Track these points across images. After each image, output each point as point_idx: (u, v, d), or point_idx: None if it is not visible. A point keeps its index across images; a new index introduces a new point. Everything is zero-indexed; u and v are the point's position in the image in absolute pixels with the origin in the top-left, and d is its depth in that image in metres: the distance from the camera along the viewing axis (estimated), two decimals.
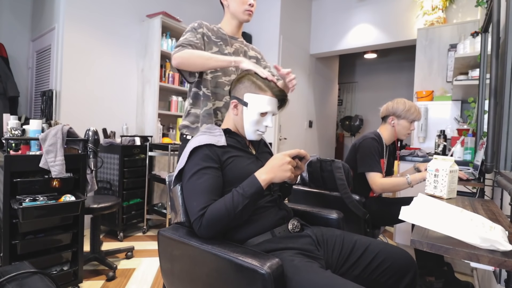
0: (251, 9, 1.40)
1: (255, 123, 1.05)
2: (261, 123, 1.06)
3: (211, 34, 1.38)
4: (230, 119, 1.12)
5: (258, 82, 1.06)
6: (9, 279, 0.92)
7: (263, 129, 1.07)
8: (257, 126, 1.06)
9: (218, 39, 1.40)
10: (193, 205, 0.91)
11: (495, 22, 1.25)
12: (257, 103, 1.04)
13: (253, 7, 1.41)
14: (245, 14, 1.40)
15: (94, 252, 2.00)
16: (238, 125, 1.09)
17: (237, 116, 1.09)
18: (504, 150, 1.07)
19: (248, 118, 1.05)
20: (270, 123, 1.07)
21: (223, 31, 1.44)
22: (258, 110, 1.04)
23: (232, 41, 1.44)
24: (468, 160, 1.99)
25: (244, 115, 1.06)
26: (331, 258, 0.99)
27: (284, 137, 3.96)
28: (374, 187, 1.63)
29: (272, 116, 1.08)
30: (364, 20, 3.96)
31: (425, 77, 3.06)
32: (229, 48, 1.42)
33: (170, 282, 1.03)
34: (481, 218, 0.74)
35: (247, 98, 1.05)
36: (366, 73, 6.48)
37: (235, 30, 1.46)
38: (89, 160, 1.83)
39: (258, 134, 1.08)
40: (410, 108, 1.68)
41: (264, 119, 1.06)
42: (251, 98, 1.05)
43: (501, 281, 1.05)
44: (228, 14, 1.44)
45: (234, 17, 1.42)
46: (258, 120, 1.05)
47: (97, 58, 2.80)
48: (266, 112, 1.05)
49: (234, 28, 1.45)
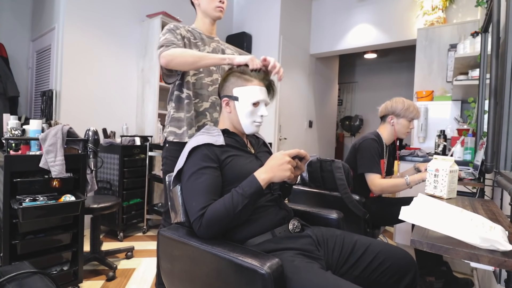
0: (222, 5, 1.40)
1: (250, 114, 1.06)
2: (255, 113, 1.07)
3: (189, 35, 1.38)
4: (225, 119, 1.12)
5: (243, 75, 1.08)
6: (9, 279, 0.92)
7: (259, 119, 1.08)
8: (252, 117, 1.07)
9: (197, 39, 1.40)
10: (193, 205, 0.91)
11: (495, 22, 1.25)
12: (247, 94, 1.05)
13: (224, 4, 1.40)
14: (216, 11, 1.40)
15: (94, 252, 2.00)
16: (234, 122, 1.10)
17: (231, 113, 1.09)
18: (504, 150, 1.07)
19: (242, 111, 1.06)
20: (265, 112, 1.08)
21: (199, 30, 1.44)
22: (250, 101, 1.05)
23: (208, 41, 1.45)
24: (468, 160, 1.99)
25: (238, 110, 1.07)
26: (331, 258, 0.99)
27: (284, 137, 3.96)
28: (373, 188, 1.64)
29: (265, 105, 1.09)
30: (364, 20, 3.96)
31: (425, 77, 3.06)
32: (207, 47, 1.43)
33: (170, 282, 1.03)
34: (481, 218, 0.74)
35: (237, 92, 1.06)
36: (366, 73, 6.48)
37: (210, 29, 1.46)
38: (89, 160, 1.83)
39: (255, 126, 1.08)
40: (409, 106, 1.70)
41: (257, 109, 1.07)
42: (240, 91, 1.06)
43: (501, 281, 1.05)
44: (199, 13, 1.44)
45: (206, 15, 1.42)
46: (252, 111, 1.06)
47: (97, 58, 2.80)
48: (258, 102, 1.06)
49: (208, 27, 1.45)
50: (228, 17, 4.24)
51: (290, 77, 4.05)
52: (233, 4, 4.29)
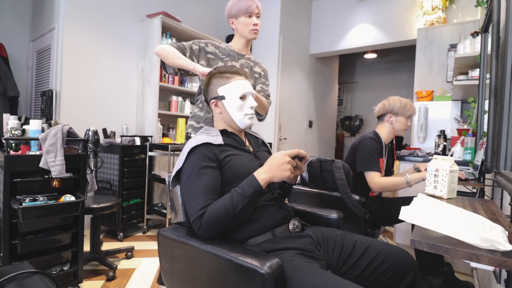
0: (256, 28, 1.53)
1: (240, 108, 1.08)
2: (245, 106, 1.09)
3: (218, 51, 1.54)
4: (218, 120, 1.14)
5: (224, 74, 1.10)
6: (9, 279, 0.92)
7: (250, 111, 1.09)
8: (243, 111, 1.08)
9: (225, 55, 1.54)
10: (192, 205, 0.91)
11: (495, 22, 1.25)
12: (232, 90, 1.08)
13: (258, 26, 1.54)
14: (251, 34, 1.53)
15: (94, 252, 2.00)
16: (227, 121, 1.11)
17: (222, 113, 1.11)
18: (504, 150, 1.07)
19: (231, 107, 1.08)
20: (254, 103, 1.10)
21: (232, 47, 1.58)
22: (237, 95, 1.07)
23: (238, 57, 1.58)
24: (468, 160, 1.99)
25: (227, 107, 1.08)
26: (331, 258, 0.99)
27: (284, 137, 3.96)
28: (372, 186, 1.64)
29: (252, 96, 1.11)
30: (364, 20, 3.96)
31: (425, 77, 3.06)
32: (234, 63, 1.54)
33: (170, 282, 1.03)
34: (481, 218, 0.74)
35: (222, 91, 1.09)
36: (366, 73, 6.48)
37: (242, 48, 1.59)
38: (89, 160, 1.83)
39: (248, 118, 1.10)
40: (406, 104, 1.73)
41: (246, 102, 1.09)
42: (225, 89, 1.08)
43: (501, 281, 1.05)
44: (237, 34, 1.58)
45: (242, 36, 1.56)
46: (241, 104, 1.08)
47: (97, 58, 2.80)
48: (244, 95, 1.08)
49: (242, 46, 1.59)
50: None
51: (290, 77, 4.05)
52: None
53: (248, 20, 1.50)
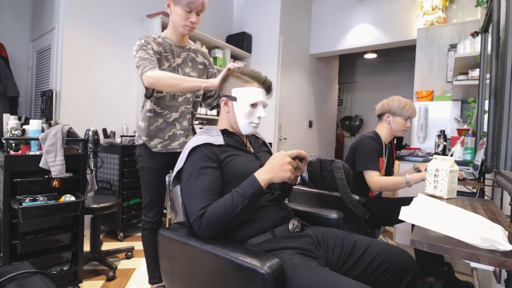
0: (192, 26, 1.39)
1: (247, 115, 1.06)
2: (253, 114, 1.07)
3: (161, 49, 1.40)
4: (223, 118, 1.13)
5: (243, 76, 1.08)
6: (9, 279, 0.92)
7: (256, 120, 1.08)
8: (250, 118, 1.07)
9: (168, 52, 1.43)
10: (192, 205, 0.91)
11: (495, 22, 1.25)
12: (246, 95, 1.06)
13: (195, 24, 1.39)
14: (185, 29, 1.40)
15: (94, 252, 2.00)
16: (231, 122, 1.10)
17: (229, 113, 1.10)
18: (504, 150, 1.07)
19: (239, 112, 1.06)
20: (263, 113, 1.08)
21: (169, 40, 1.44)
22: (248, 102, 1.05)
23: (178, 51, 1.46)
24: (468, 160, 1.99)
25: (236, 110, 1.07)
26: (331, 258, 0.99)
27: (284, 137, 3.96)
28: (371, 185, 1.64)
29: (263, 107, 1.09)
30: (364, 20, 3.96)
31: (425, 77, 3.06)
32: (177, 59, 1.46)
33: (170, 282, 1.03)
34: (481, 218, 0.74)
35: (235, 93, 1.07)
36: (366, 73, 6.48)
37: (181, 39, 1.47)
38: (89, 160, 1.83)
39: (252, 127, 1.09)
40: (405, 105, 1.71)
41: (255, 110, 1.07)
42: (239, 92, 1.06)
43: (501, 281, 1.05)
44: (170, 22, 1.44)
45: (175, 27, 1.42)
46: (249, 112, 1.06)
47: (97, 58, 2.80)
48: (256, 103, 1.06)
49: (179, 37, 1.46)
50: (228, 17, 4.24)
51: (290, 77, 4.05)
52: (233, 4, 4.29)
53: (185, 15, 1.35)
